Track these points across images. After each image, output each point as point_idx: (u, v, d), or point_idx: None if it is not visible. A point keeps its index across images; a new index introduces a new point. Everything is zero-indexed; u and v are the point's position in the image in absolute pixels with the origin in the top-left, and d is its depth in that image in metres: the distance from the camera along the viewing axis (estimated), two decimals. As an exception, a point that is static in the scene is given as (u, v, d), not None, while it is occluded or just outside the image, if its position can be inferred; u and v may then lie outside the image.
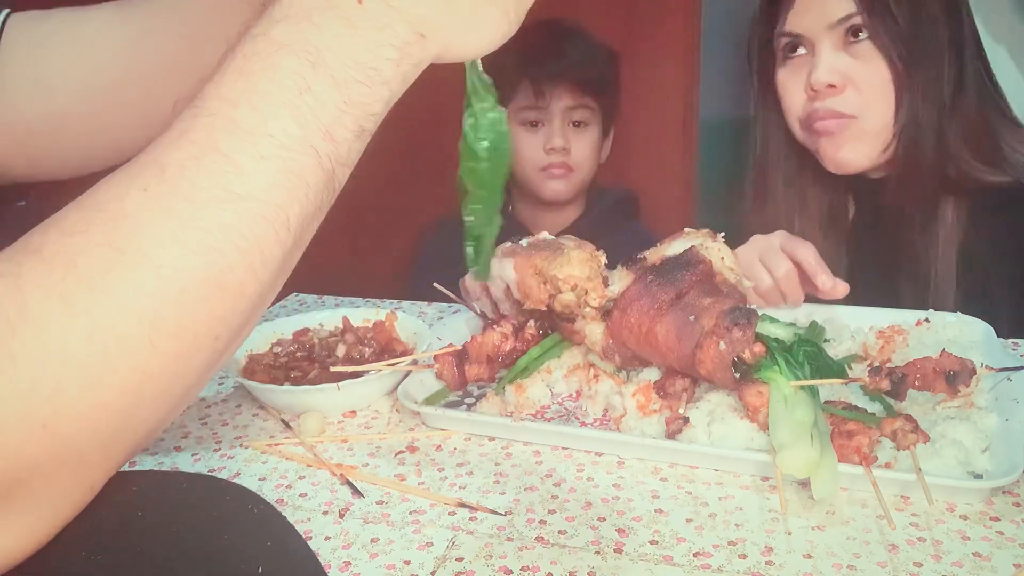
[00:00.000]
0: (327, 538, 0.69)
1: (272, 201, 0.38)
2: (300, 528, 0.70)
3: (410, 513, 0.71)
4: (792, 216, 1.20)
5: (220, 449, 0.83)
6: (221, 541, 0.43)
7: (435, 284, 1.01)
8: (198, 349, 0.38)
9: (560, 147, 1.48)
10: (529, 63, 1.47)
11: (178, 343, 0.37)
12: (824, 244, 1.19)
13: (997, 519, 0.67)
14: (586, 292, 0.83)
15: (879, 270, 1.17)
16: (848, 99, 1.07)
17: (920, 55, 1.04)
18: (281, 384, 0.89)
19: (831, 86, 1.06)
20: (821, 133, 1.10)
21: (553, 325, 0.90)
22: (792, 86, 1.12)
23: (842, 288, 0.94)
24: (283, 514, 0.51)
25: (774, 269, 0.96)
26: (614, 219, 1.55)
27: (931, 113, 1.05)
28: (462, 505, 0.72)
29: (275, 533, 0.47)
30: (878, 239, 1.17)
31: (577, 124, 1.50)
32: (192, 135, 0.38)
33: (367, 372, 0.88)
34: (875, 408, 0.78)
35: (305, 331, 0.99)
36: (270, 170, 0.38)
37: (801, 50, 1.10)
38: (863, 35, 1.05)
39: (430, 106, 1.67)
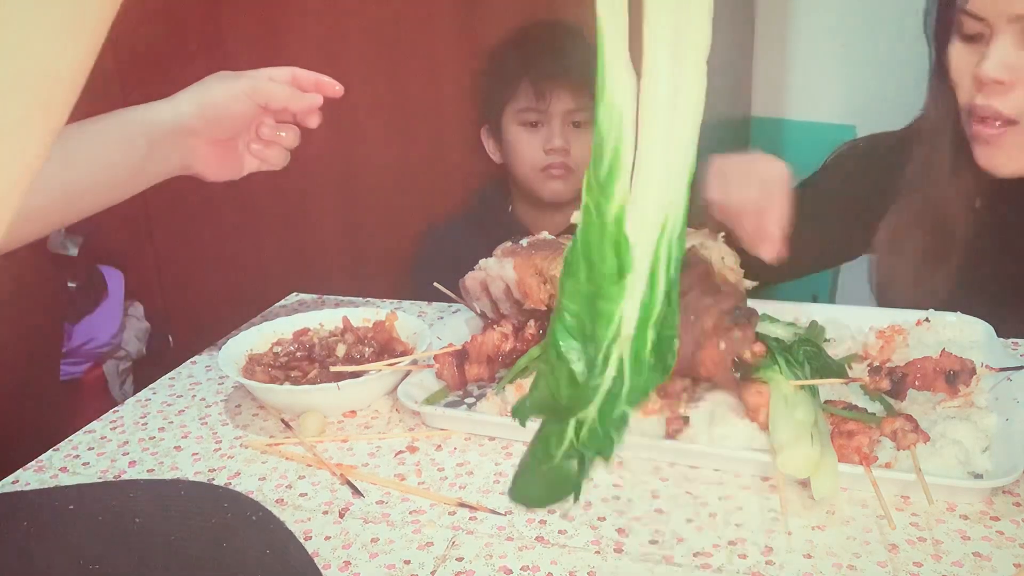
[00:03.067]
0: (327, 538, 0.69)
1: None
2: (300, 528, 0.70)
3: (410, 513, 0.71)
4: (945, 188, 1.12)
5: (220, 449, 0.83)
6: (220, 550, 0.43)
7: (435, 284, 1.01)
8: None
9: (560, 147, 1.47)
10: (529, 63, 1.47)
11: None
12: (943, 232, 1.12)
13: (997, 519, 0.67)
14: (586, 292, 0.83)
15: (995, 275, 1.13)
16: (1014, 100, 1.00)
17: None
18: (281, 384, 0.89)
19: (999, 82, 0.99)
20: (977, 137, 1.04)
21: (553, 325, 0.90)
22: (962, 67, 1.04)
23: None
24: (282, 520, 0.51)
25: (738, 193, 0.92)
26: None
27: None
28: (462, 505, 0.72)
29: (274, 541, 0.47)
30: (1005, 240, 1.12)
31: (577, 124, 1.50)
32: None
33: (367, 372, 0.88)
34: (875, 408, 0.78)
35: (305, 331, 0.99)
36: None
37: (980, 33, 1.02)
38: None
39: (430, 106, 1.68)
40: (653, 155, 0.35)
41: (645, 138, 0.35)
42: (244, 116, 0.88)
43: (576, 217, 0.37)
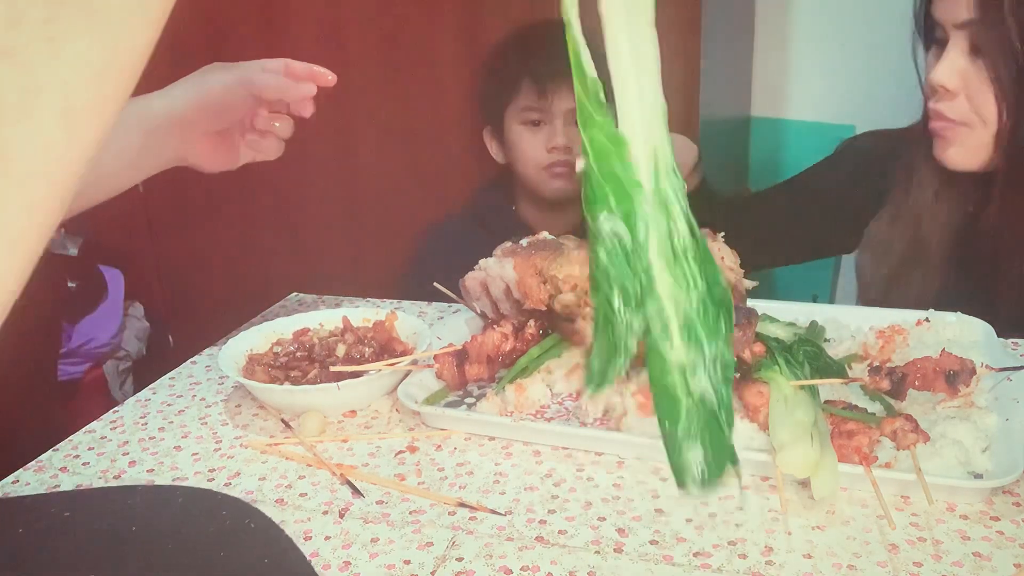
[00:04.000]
0: (327, 538, 0.69)
1: None
2: (300, 528, 0.70)
3: (410, 513, 0.71)
4: (928, 197, 1.14)
5: (220, 449, 0.83)
6: (217, 558, 0.43)
7: (435, 284, 1.01)
8: None
9: (562, 146, 1.47)
10: (530, 62, 1.47)
11: None
12: (941, 239, 1.13)
13: (997, 519, 0.67)
14: (586, 292, 0.83)
15: (979, 279, 1.12)
16: (958, 106, 1.02)
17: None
18: (281, 384, 0.89)
19: (944, 88, 1.01)
20: (932, 132, 1.06)
21: (553, 325, 0.90)
22: (929, 70, 1.06)
23: None
24: (282, 521, 0.51)
25: None
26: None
27: None
28: (462, 505, 0.72)
29: (273, 549, 0.46)
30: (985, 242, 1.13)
31: None
32: None
33: (367, 372, 0.88)
34: (875, 408, 0.78)
35: (305, 331, 0.99)
36: None
37: (943, 39, 1.04)
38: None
39: (430, 106, 1.68)
40: (630, 101, 0.43)
41: (620, 89, 0.43)
42: (238, 107, 0.89)
43: (580, 164, 0.43)
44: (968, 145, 1.04)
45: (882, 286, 1.17)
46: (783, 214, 1.32)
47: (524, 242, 0.92)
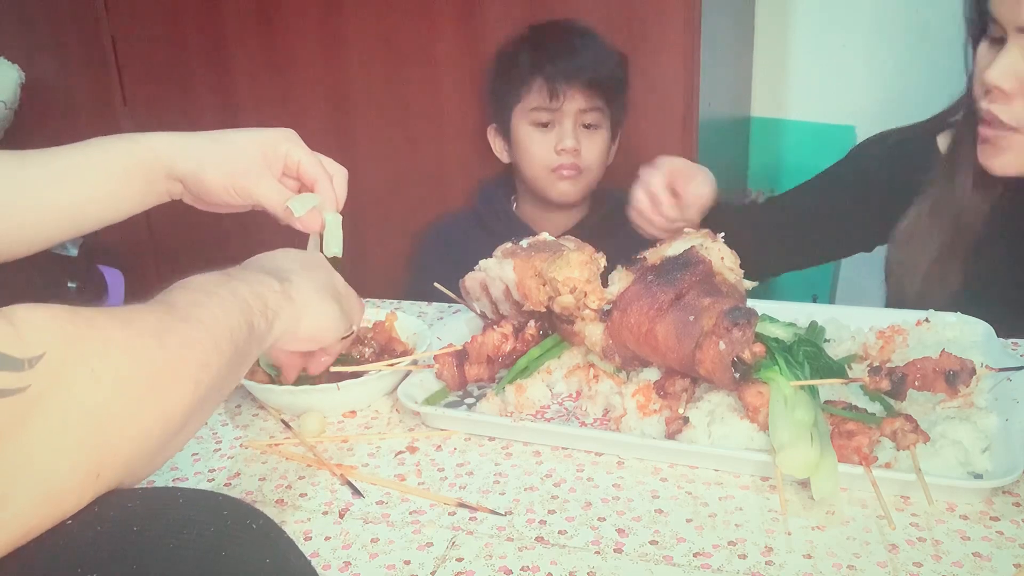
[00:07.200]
0: (327, 538, 0.69)
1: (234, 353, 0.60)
2: (300, 528, 0.70)
3: (410, 513, 0.71)
4: (968, 187, 1.11)
5: (220, 449, 0.83)
6: (219, 558, 0.43)
7: (435, 284, 1.01)
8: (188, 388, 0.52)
9: (571, 148, 1.47)
10: (543, 62, 1.46)
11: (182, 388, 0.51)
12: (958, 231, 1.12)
13: (997, 519, 0.67)
14: (585, 295, 0.83)
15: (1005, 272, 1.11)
16: (1014, 109, 0.99)
17: None
18: (281, 384, 0.89)
19: (1000, 89, 0.98)
20: (979, 136, 1.04)
21: (553, 326, 0.90)
22: (980, 66, 1.03)
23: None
24: (282, 522, 0.51)
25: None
26: (617, 221, 1.54)
27: None
28: (462, 505, 0.72)
29: (275, 550, 0.46)
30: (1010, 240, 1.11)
31: (588, 126, 1.50)
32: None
33: (367, 372, 0.88)
34: (875, 408, 0.78)
35: (305, 331, 0.99)
36: (228, 340, 0.59)
37: (1001, 38, 1.00)
38: None
39: (430, 107, 1.68)
40: None
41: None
42: (233, 205, 0.92)
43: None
44: (1020, 151, 1.01)
45: (919, 279, 1.14)
46: (801, 218, 1.30)
47: (524, 243, 0.92)
